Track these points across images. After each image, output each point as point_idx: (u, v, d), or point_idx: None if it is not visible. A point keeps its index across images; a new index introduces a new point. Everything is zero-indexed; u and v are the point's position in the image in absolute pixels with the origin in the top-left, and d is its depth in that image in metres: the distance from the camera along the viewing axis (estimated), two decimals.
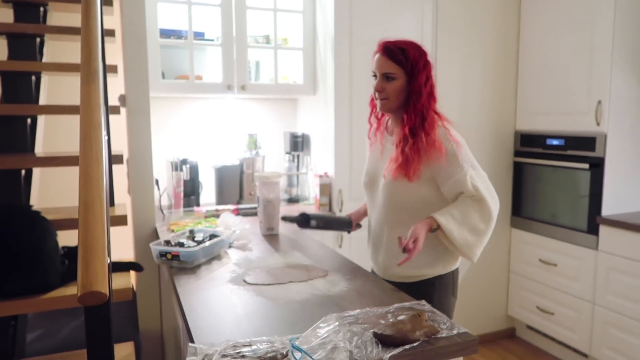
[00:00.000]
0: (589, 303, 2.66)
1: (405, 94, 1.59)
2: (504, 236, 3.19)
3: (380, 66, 1.59)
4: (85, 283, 0.65)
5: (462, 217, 1.55)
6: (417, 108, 1.56)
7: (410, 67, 1.56)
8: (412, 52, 1.57)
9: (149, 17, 2.45)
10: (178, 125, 2.89)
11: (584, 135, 2.66)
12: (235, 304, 1.34)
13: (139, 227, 2.30)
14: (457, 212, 1.55)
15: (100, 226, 0.73)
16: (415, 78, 1.57)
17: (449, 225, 1.53)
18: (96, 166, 0.81)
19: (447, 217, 1.53)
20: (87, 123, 0.88)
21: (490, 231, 1.62)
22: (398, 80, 1.58)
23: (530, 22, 2.99)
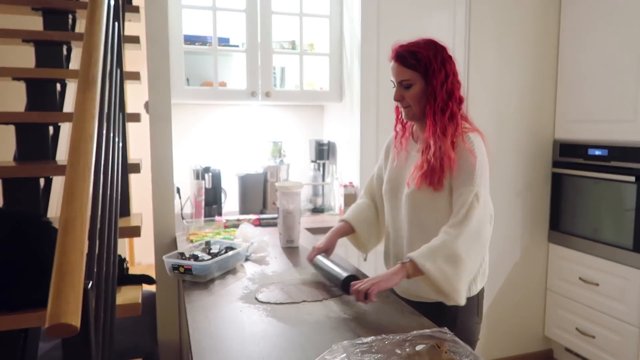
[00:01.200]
0: (635, 327, 2.46)
1: (426, 98, 1.47)
2: (541, 252, 3.01)
3: (396, 74, 1.50)
4: (54, 313, 0.59)
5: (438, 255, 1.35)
6: (436, 111, 1.45)
7: (425, 69, 1.45)
8: (424, 52, 1.45)
9: (174, 23, 2.43)
10: (202, 133, 2.86)
11: (630, 145, 2.47)
12: (244, 323, 1.26)
13: (159, 236, 2.27)
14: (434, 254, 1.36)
15: (79, 249, 0.67)
16: (432, 79, 1.45)
17: (425, 264, 1.33)
18: (82, 181, 0.76)
19: (425, 256, 1.35)
20: (78, 134, 0.83)
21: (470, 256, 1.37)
22: (416, 86, 1.47)
23: (571, 22, 2.81)
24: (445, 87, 1.45)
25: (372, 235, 1.77)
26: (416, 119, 1.54)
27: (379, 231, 1.77)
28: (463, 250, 1.35)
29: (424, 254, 1.35)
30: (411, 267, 1.35)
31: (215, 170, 2.62)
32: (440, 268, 1.33)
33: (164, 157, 2.25)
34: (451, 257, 1.34)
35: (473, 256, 1.38)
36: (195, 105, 2.82)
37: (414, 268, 1.34)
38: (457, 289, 1.35)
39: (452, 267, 1.34)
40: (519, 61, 2.84)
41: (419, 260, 1.34)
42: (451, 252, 1.34)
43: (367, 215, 1.76)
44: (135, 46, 2.54)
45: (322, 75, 2.86)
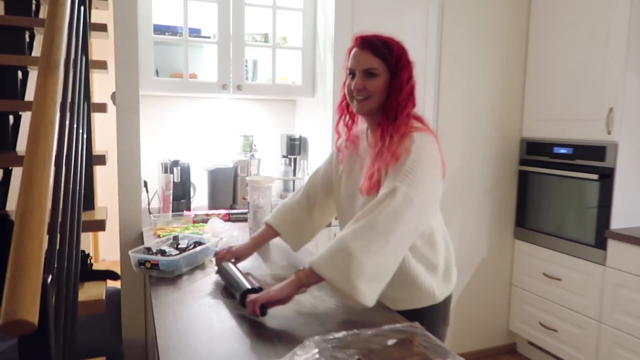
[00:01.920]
0: (595, 321, 2.54)
1: (386, 93, 1.39)
2: (507, 248, 3.07)
3: (360, 61, 1.39)
4: (9, 310, 0.56)
5: (332, 252, 1.24)
6: (392, 107, 1.37)
7: (395, 63, 1.38)
8: (395, 45, 1.40)
9: (143, 12, 2.36)
10: (171, 125, 2.79)
11: (594, 144, 2.54)
12: (213, 320, 1.24)
13: (125, 230, 2.20)
14: (327, 251, 1.25)
15: (37, 241, 0.63)
16: (398, 75, 1.38)
17: (319, 267, 1.23)
18: (41, 170, 0.71)
19: (318, 258, 1.25)
20: (37, 120, 0.78)
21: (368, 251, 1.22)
22: (381, 77, 1.38)
23: (539, 25, 2.87)
24: (408, 86, 1.39)
25: (303, 236, 1.69)
26: (372, 112, 1.44)
27: (311, 230, 1.70)
28: (359, 245, 1.21)
29: (320, 255, 1.25)
30: (305, 274, 1.25)
31: (184, 164, 2.57)
32: (335, 264, 1.21)
33: (131, 150, 2.18)
34: (345, 252, 1.21)
35: (372, 252, 1.21)
36: (164, 97, 2.75)
37: (310, 273, 1.24)
38: (356, 286, 1.19)
39: (346, 263, 1.20)
40: (489, 61, 2.88)
41: (313, 263, 1.24)
42: (345, 247, 1.21)
43: (295, 216, 1.68)
44: (103, 35, 2.46)
45: (294, 69, 2.83)
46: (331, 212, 1.72)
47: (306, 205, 1.69)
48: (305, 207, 1.69)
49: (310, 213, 1.69)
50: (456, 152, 2.86)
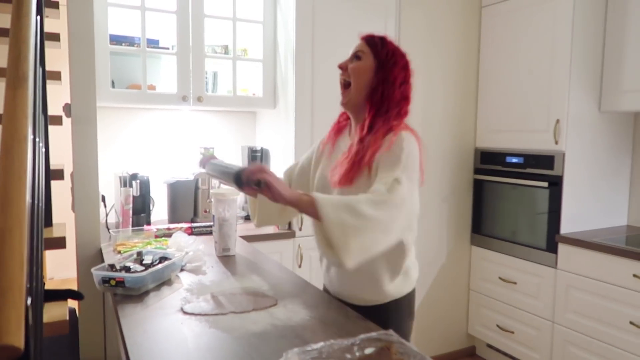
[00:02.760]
0: (549, 321, 2.66)
1: (369, 83, 1.40)
2: (464, 254, 3.18)
3: (355, 47, 1.46)
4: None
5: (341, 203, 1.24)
6: (384, 100, 1.38)
7: (385, 56, 1.40)
8: (392, 45, 1.44)
9: (99, 21, 2.30)
10: (128, 138, 2.72)
11: (543, 153, 2.69)
12: (186, 336, 1.21)
13: (82, 247, 2.11)
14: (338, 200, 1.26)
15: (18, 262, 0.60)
16: (391, 69, 1.39)
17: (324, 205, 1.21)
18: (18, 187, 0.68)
19: (327, 199, 1.25)
20: (10, 134, 0.75)
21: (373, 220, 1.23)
22: (364, 62, 1.41)
23: (489, 40, 3.01)
24: (402, 87, 1.41)
25: (272, 215, 1.67)
26: (351, 105, 1.46)
27: (278, 214, 1.67)
28: (369, 213, 1.21)
29: (329, 199, 1.24)
30: (307, 201, 1.23)
31: (143, 177, 2.50)
32: (340, 215, 1.20)
33: (88, 163, 2.11)
34: (357, 211, 1.21)
35: (376, 226, 1.23)
36: (121, 109, 2.68)
37: (310, 203, 1.22)
38: (349, 245, 1.20)
39: (352, 219, 1.20)
40: (444, 75, 2.99)
41: (319, 198, 1.22)
42: (356, 207, 1.21)
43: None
44: (54, 44, 2.37)
45: (255, 81, 2.83)
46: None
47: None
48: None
49: None
50: None
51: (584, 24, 2.55)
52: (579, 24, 2.53)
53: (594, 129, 2.66)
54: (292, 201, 1.25)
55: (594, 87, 2.62)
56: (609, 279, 2.36)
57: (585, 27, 2.56)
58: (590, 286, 2.44)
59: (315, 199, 1.23)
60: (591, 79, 2.61)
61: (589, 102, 2.62)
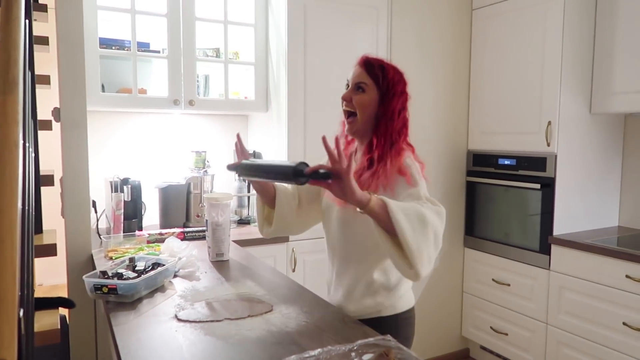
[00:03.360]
0: (542, 323, 2.67)
1: (374, 114, 1.46)
2: (457, 256, 3.18)
3: (356, 76, 1.47)
4: None
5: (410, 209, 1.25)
6: (388, 132, 1.43)
7: (386, 88, 1.44)
8: (392, 72, 1.46)
9: (88, 25, 2.27)
10: (119, 142, 2.69)
11: (535, 155, 2.70)
12: (181, 344, 1.19)
13: (72, 254, 2.07)
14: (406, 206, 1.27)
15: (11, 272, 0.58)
16: (390, 101, 1.44)
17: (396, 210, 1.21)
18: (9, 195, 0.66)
19: (397, 205, 1.25)
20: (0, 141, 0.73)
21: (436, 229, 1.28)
22: (368, 94, 1.45)
23: (480, 43, 3.03)
24: (402, 114, 1.46)
25: (290, 222, 1.63)
26: (359, 134, 1.50)
27: (296, 222, 1.66)
28: (433, 221, 1.25)
29: (396, 204, 1.23)
30: (377, 203, 1.22)
31: (134, 182, 2.47)
32: (412, 222, 1.20)
33: (78, 168, 2.07)
34: (424, 219, 1.23)
35: (437, 234, 1.27)
36: (112, 114, 2.65)
37: (381, 207, 1.22)
38: (422, 253, 1.21)
39: (421, 226, 1.21)
40: (436, 78, 3.00)
41: (393, 206, 1.21)
42: (424, 215, 1.24)
43: (290, 200, 1.62)
44: (42, 48, 2.34)
45: (247, 84, 2.82)
46: (310, 220, 1.70)
47: (297, 199, 1.65)
48: (297, 200, 1.65)
49: (300, 208, 1.65)
50: None
51: (574, 26, 2.57)
52: (569, 26, 2.55)
53: (585, 131, 2.68)
54: (362, 201, 1.22)
55: (584, 89, 2.64)
56: (601, 280, 2.37)
57: (576, 29, 2.58)
58: (583, 287, 2.45)
59: (387, 204, 1.22)
60: (581, 81, 2.63)
61: (579, 104, 2.64)
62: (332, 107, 2.63)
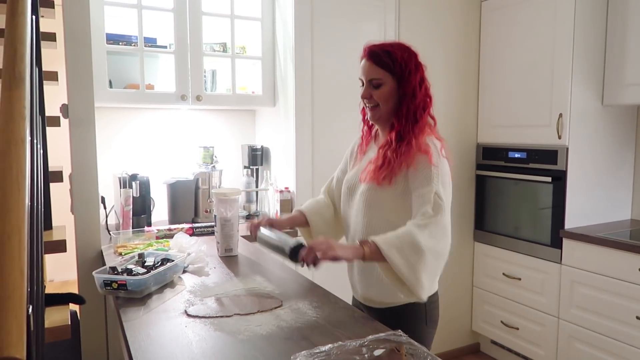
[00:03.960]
0: (554, 317, 2.64)
1: (396, 99, 1.45)
2: (467, 250, 3.16)
3: (366, 72, 1.47)
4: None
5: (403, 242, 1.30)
6: (410, 111, 1.43)
7: (400, 70, 1.44)
8: (399, 53, 1.45)
9: (95, 21, 2.26)
10: (127, 138, 2.69)
11: (546, 148, 2.66)
12: (191, 340, 1.18)
13: (82, 250, 2.08)
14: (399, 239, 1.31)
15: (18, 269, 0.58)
16: (407, 80, 1.44)
17: (389, 250, 1.27)
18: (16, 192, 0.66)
19: (389, 244, 1.29)
20: (7, 137, 0.72)
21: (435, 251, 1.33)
22: (386, 86, 1.45)
23: (490, 34, 2.99)
24: (421, 91, 1.44)
25: (329, 233, 1.69)
26: (382, 120, 1.51)
27: (336, 231, 1.71)
28: (429, 243, 1.29)
29: (389, 239, 1.28)
30: (371, 250, 1.28)
31: (143, 178, 2.47)
32: (406, 255, 1.27)
33: (86, 164, 2.08)
34: (415, 246, 1.27)
35: (438, 252, 1.33)
36: (119, 109, 2.65)
37: (374, 252, 1.28)
38: (421, 281, 1.28)
39: (416, 257, 1.27)
40: (445, 70, 2.97)
41: (383, 245, 1.26)
42: (415, 241, 1.28)
43: (324, 212, 1.69)
44: (51, 45, 2.34)
45: (254, 79, 2.81)
46: None
47: (332, 207, 1.71)
48: (332, 208, 1.71)
49: (336, 215, 1.70)
50: None
51: (586, 16, 2.53)
52: (580, 16, 2.51)
53: (597, 123, 2.64)
54: (357, 257, 1.30)
55: (596, 80, 2.60)
56: (614, 274, 2.34)
57: (587, 20, 2.54)
58: (596, 281, 2.42)
59: (378, 245, 1.27)
60: (593, 73, 2.59)
61: (591, 96, 2.60)
62: (339, 101, 2.61)
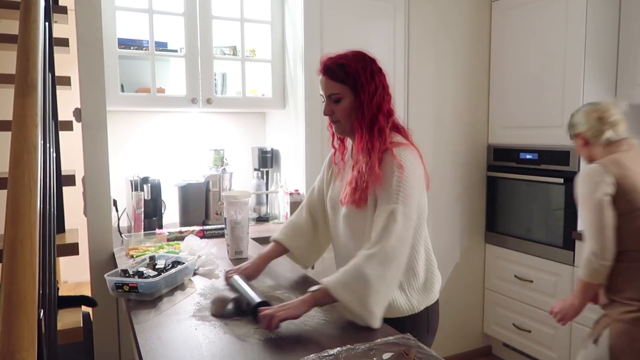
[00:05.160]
0: None
1: (355, 112, 1.43)
2: (479, 252, 3.14)
3: (324, 88, 1.45)
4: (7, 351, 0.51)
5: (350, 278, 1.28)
6: (363, 125, 1.41)
7: (354, 82, 1.41)
8: (352, 65, 1.41)
9: (107, 26, 2.29)
10: (138, 141, 2.72)
11: (558, 149, 2.64)
12: (201, 342, 1.19)
13: (95, 252, 2.11)
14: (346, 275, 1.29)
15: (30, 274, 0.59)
16: (360, 92, 1.40)
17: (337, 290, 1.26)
18: (28, 198, 0.67)
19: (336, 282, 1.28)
20: (19, 144, 0.74)
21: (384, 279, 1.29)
22: (345, 100, 1.42)
23: (500, 34, 2.97)
24: (374, 100, 1.41)
25: (311, 251, 1.72)
26: (347, 133, 1.50)
27: (318, 246, 1.72)
28: (376, 273, 1.26)
29: (336, 278, 1.28)
30: (321, 295, 1.27)
31: (154, 181, 2.49)
32: (353, 290, 1.25)
33: (99, 168, 2.10)
34: (362, 279, 1.25)
35: (388, 279, 1.29)
36: (131, 113, 2.68)
37: (325, 295, 1.26)
38: (372, 311, 1.26)
39: (364, 290, 1.25)
40: (455, 70, 2.96)
41: (330, 286, 1.26)
42: (362, 274, 1.26)
43: (303, 233, 1.69)
44: (63, 50, 2.37)
45: (264, 81, 2.82)
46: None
47: (310, 221, 1.71)
48: (310, 223, 1.70)
49: (316, 229, 1.70)
50: (427, 161, 2.88)
51: (598, 15, 2.50)
52: (592, 15, 2.48)
53: None
54: (311, 307, 1.28)
55: (609, 80, 2.57)
56: None
57: (599, 18, 2.51)
58: None
59: (328, 288, 1.26)
60: (606, 72, 2.56)
61: (604, 96, 2.57)
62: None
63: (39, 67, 0.93)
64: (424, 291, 1.52)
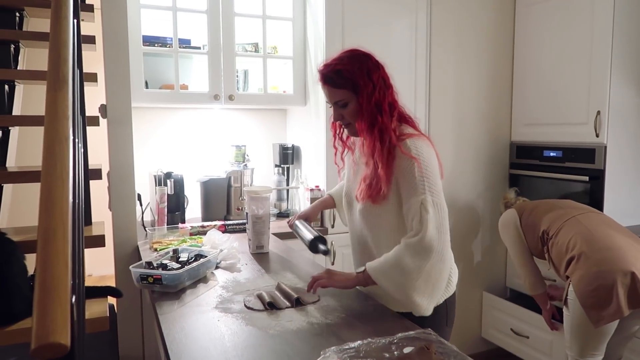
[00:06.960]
0: None
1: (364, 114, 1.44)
2: (501, 252, 3.10)
3: (328, 97, 1.48)
4: (41, 334, 0.54)
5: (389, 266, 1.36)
6: (365, 127, 1.42)
7: (353, 86, 1.42)
8: (348, 67, 1.42)
9: (132, 23, 2.33)
10: (162, 137, 2.76)
11: (583, 146, 2.59)
12: (223, 334, 1.22)
13: (119, 245, 2.15)
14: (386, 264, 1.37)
15: (63, 261, 0.61)
16: (360, 93, 1.42)
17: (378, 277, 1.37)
18: (60, 188, 0.69)
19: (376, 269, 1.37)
20: (51, 136, 0.76)
21: (422, 269, 1.34)
22: (351, 103, 1.44)
23: (524, 30, 2.93)
24: (373, 100, 1.41)
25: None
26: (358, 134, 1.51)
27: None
28: (413, 263, 1.32)
29: (377, 265, 1.37)
30: (364, 277, 1.38)
31: (177, 176, 2.53)
32: (393, 279, 1.34)
33: (124, 163, 2.15)
34: (399, 268, 1.33)
35: (426, 268, 1.33)
36: (155, 109, 2.72)
37: (367, 277, 1.37)
38: (413, 300, 1.33)
39: (404, 278, 1.33)
40: (477, 67, 2.92)
41: (372, 273, 1.36)
42: (400, 263, 1.33)
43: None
44: (90, 47, 2.43)
45: (285, 78, 2.83)
46: None
47: None
48: None
49: None
50: (448, 158, 2.88)
51: (626, 10, 2.45)
52: (620, 10, 2.43)
53: (637, 121, 2.55)
54: (354, 285, 1.43)
55: (636, 76, 2.51)
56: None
57: (627, 13, 2.45)
58: None
59: (370, 274, 1.37)
60: (633, 68, 2.50)
61: (631, 93, 2.51)
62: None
63: (70, 63, 0.95)
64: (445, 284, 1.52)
